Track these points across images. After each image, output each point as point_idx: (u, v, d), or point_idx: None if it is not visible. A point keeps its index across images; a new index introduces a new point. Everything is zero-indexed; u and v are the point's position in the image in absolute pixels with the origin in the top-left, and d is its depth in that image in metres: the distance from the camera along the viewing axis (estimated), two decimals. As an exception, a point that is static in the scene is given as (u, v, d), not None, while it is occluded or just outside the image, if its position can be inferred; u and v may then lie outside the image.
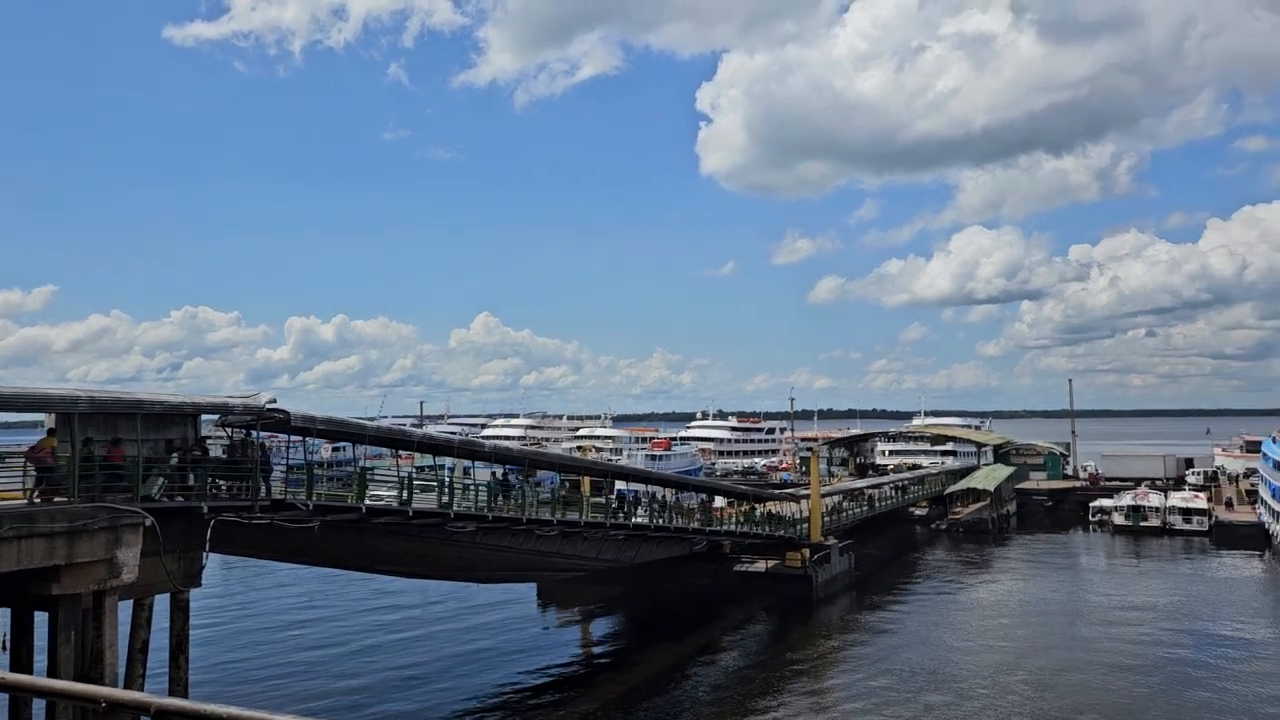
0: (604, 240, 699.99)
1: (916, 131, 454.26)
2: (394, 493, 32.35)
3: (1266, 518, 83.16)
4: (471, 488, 37.08)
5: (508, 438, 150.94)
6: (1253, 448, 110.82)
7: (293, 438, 30.00)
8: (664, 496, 54.59)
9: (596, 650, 49.90)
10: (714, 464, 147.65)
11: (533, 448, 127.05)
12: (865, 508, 79.98)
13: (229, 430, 27.35)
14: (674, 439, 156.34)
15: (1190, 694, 39.35)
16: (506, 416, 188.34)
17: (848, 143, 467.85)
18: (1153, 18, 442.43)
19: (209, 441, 27.22)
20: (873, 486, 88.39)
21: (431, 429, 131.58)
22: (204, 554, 24.99)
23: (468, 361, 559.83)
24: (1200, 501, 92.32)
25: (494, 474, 42.45)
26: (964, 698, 38.72)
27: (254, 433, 26.97)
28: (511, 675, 42.88)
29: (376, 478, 33.62)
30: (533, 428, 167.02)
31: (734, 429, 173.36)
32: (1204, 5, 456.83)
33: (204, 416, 26.47)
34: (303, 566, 51.69)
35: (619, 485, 50.77)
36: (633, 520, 46.60)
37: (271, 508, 26.62)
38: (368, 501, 30.43)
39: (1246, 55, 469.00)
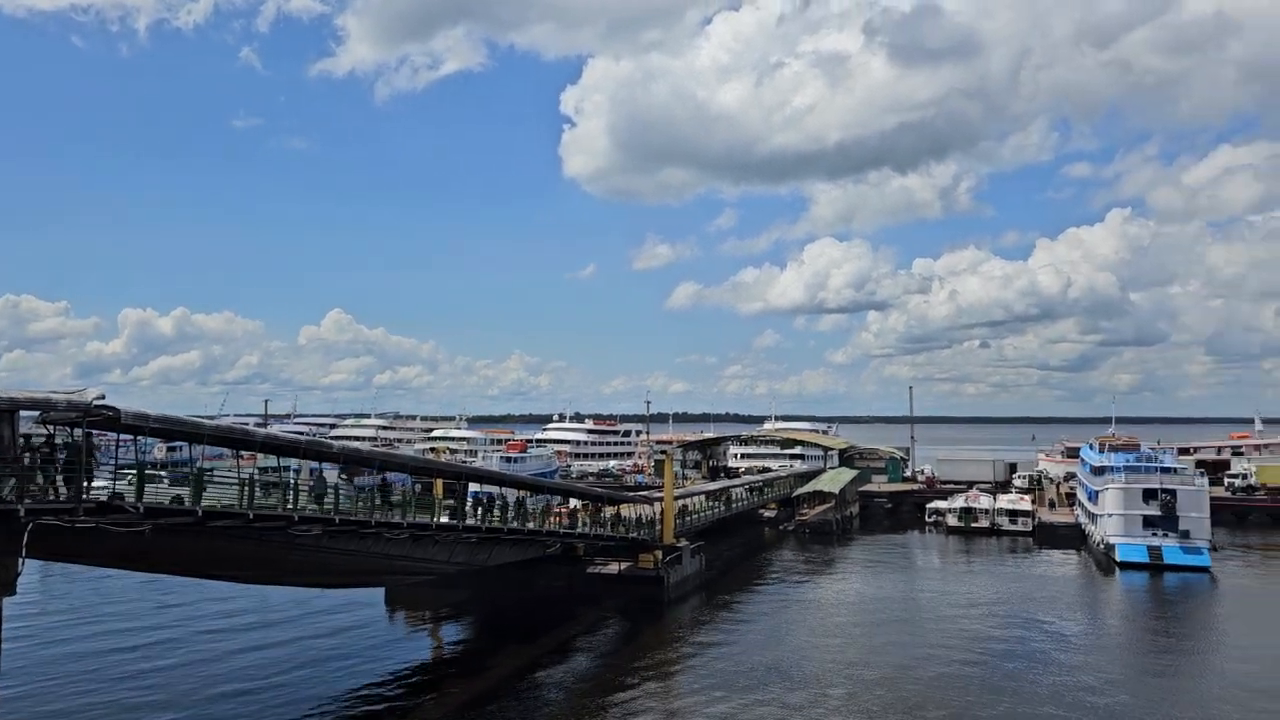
0: (463, 239, 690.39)
1: (774, 144, 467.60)
2: (234, 494, 30.91)
3: (1083, 519, 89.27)
4: (307, 490, 35.77)
5: (358, 438, 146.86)
6: (1072, 453, 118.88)
7: (124, 437, 28.24)
8: (521, 498, 54.20)
9: (447, 654, 49.11)
10: (570, 466, 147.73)
11: (384, 449, 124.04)
12: (717, 509, 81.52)
13: (51, 428, 25.53)
14: (530, 441, 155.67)
15: (1016, 683, 41.75)
16: (357, 416, 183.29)
17: (708, 152, 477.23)
18: (993, 48, 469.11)
19: (30, 439, 25.33)
20: (724, 489, 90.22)
21: (277, 429, 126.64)
22: (19, 560, 23.26)
23: (317, 359, 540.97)
24: (1025, 504, 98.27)
25: (340, 477, 41.17)
26: (811, 693, 39.97)
27: (80, 430, 25.28)
28: (356, 683, 41.68)
29: (216, 479, 31.99)
30: (385, 428, 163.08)
31: (590, 431, 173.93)
32: (1040, 38, 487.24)
33: (23, 413, 24.60)
34: (132, 573, 48.88)
35: (473, 487, 50.10)
36: (486, 523, 46.05)
37: (98, 510, 25.01)
38: (205, 503, 28.99)
39: (1075, 87, 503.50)
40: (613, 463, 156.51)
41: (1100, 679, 43.12)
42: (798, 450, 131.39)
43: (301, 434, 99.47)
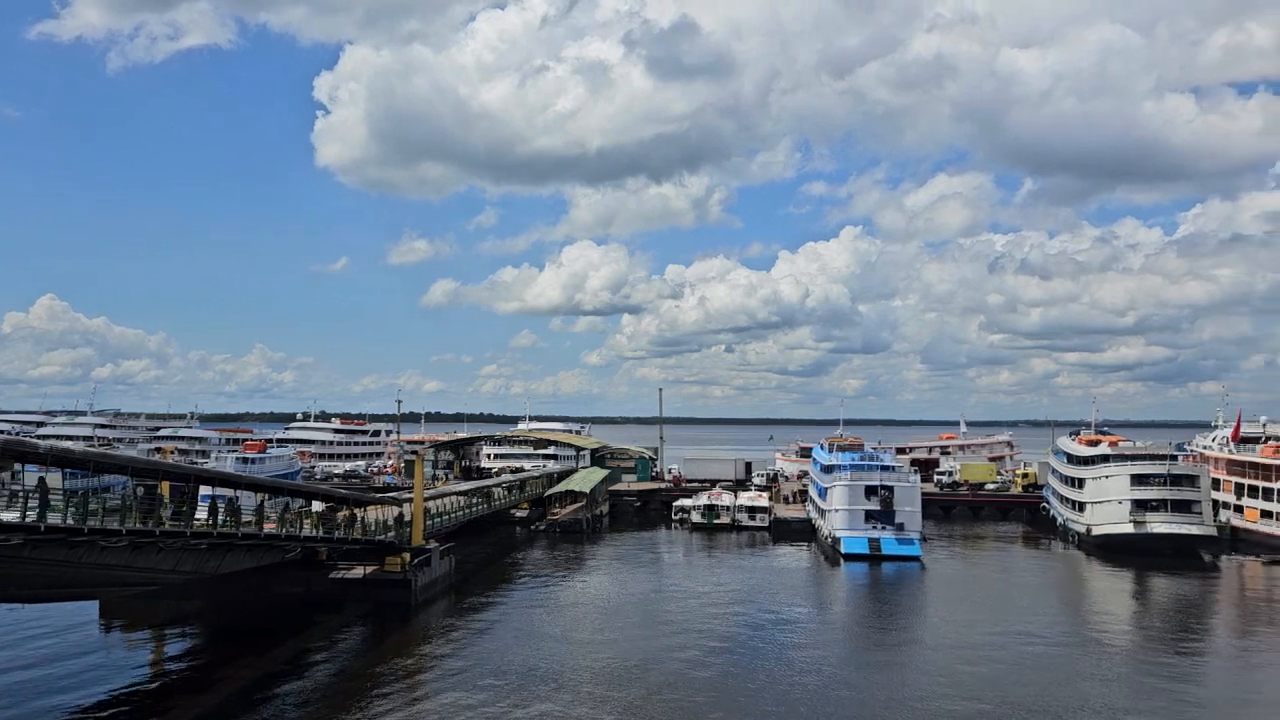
0: (202, 225, 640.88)
1: (536, 147, 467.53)
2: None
3: (813, 514, 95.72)
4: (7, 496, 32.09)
5: (71, 437, 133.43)
6: (805, 453, 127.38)
7: None
8: (260, 501, 51.09)
9: (170, 670, 45.38)
10: (314, 467, 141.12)
11: (102, 449, 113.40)
12: (469, 510, 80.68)
13: None
14: (271, 441, 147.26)
15: (748, 669, 44.17)
16: (71, 414, 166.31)
17: (469, 150, 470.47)
18: (745, 69, 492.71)
19: None
20: (476, 489, 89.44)
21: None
22: None
23: (25, 350, 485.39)
24: (763, 500, 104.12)
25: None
26: (562, 690, 40.33)
27: None
28: (61, 708, 37.76)
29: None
30: (104, 426, 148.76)
31: (337, 431, 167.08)
32: (787, 63, 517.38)
33: None
34: None
35: (204, 490, 46.67)
36: (217, 528, 43.06)
37: None
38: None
39: (816, 112, 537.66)
40: (361, 463, 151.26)
41: (823, 661, 46.58)
42: (551, 450, 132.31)
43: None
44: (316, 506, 58.44)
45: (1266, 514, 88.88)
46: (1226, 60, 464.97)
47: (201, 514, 43.58)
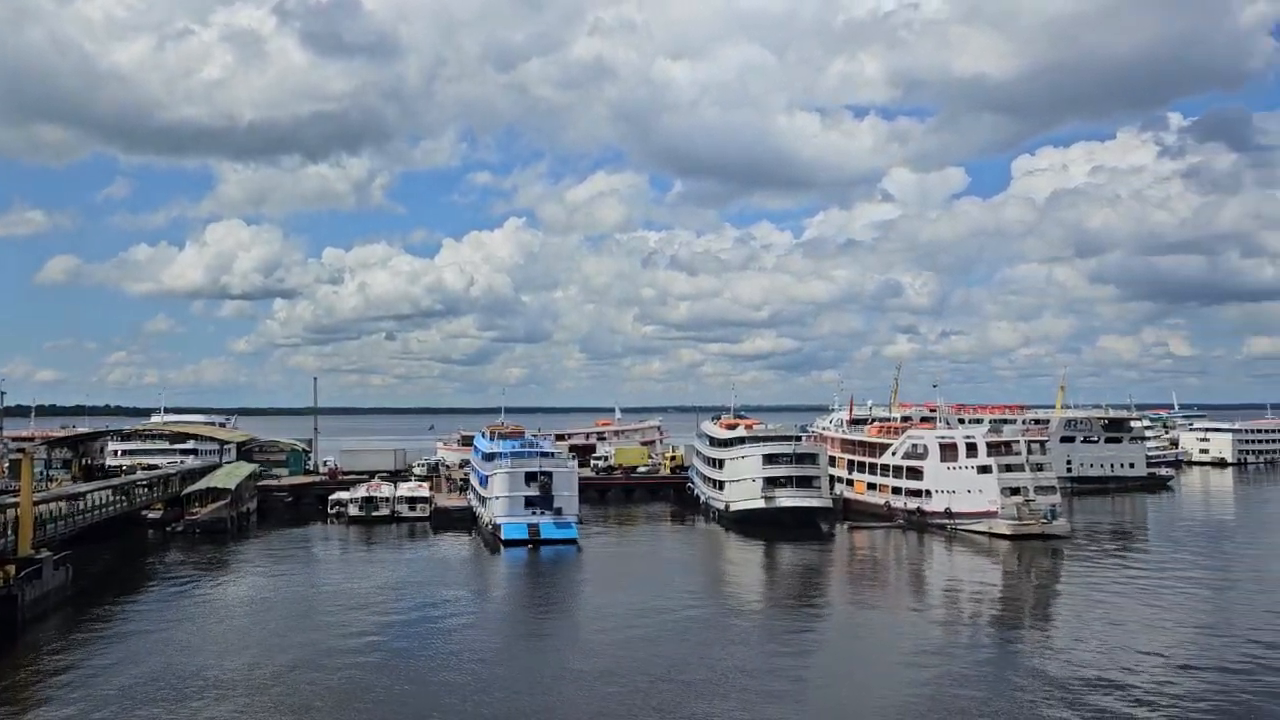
0: None
1: (179, 115, 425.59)
2: None
3: (475, 502, 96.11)
4: None
5: None
6: (467, 442, 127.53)
7: None
8: None
9: None
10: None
11: None
12: (93, 513, 72.43)
13: None
14: None
15: (406, 663, 43.63)
16: None
17: (96, 114, 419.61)
18: (410, 53, 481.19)
19: None
20: (100, 490, 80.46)
21: None
22: None
23: None
24: (424, 491, 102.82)
25: None
26: (203, 703, 37.39)
27: None
28: None
29: None
30: None
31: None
32: (453, 52, 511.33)
33: None
34: None
35: None
36: None
37: None
38: None
39: (481, 102, 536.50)
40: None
41: (480, 647, 47.18)
42: (191, 445, 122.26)
43: None
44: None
45: (871, 486, 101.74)
46: (844, 86, 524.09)
47: None
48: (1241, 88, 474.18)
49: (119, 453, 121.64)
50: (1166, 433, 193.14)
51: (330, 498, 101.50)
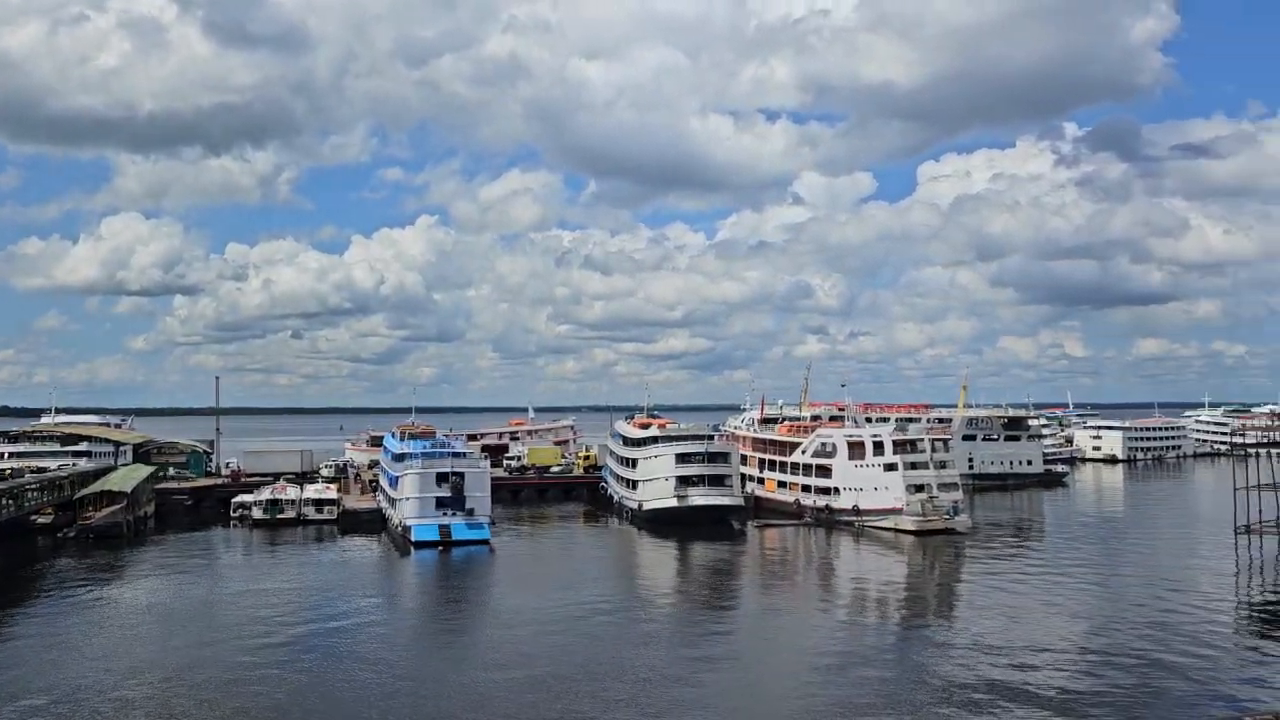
0: None
1: (72, 104, 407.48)
2: None
3: (384, 504, 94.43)
4: None
5: None
6: (376, 442, 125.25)
7: None
8: None
9: None
10: None
11: None
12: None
13: None
14: None
15: (311, 673, 42.63)
16: None
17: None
18: (319, 47, 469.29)
19: None
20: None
21: None
22: None
23: None
24: (331, 492, 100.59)
25: None
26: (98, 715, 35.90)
27: None
28: None
29: None
30: None
31: None
32: (364, 47, 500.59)
33: None
34: None
35: None
36: None
37: None
38: None
39: (392, 98, 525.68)
40: None
41: (388, 652, 46.40)
42: (84, 447, 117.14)
43: None
44: None
45: (781, 484, 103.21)
46: (756, 90, 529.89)
47: None
48: (1132, 99, 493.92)
49: (6, 455, 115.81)
50: (1062, 431, 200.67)
51: (233, 500, 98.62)
